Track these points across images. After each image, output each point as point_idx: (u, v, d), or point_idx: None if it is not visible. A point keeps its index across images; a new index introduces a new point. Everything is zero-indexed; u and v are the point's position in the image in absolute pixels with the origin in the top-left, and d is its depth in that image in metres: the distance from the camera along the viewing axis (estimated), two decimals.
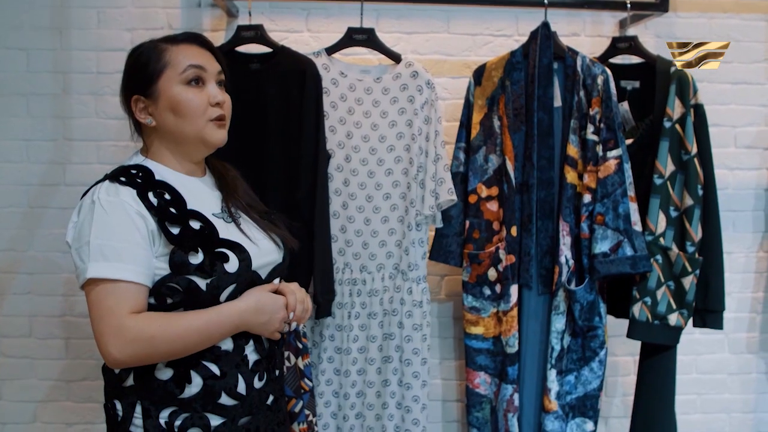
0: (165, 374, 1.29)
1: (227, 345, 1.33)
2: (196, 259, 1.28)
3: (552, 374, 2.06)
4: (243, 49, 2.08)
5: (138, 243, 1.25)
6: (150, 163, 1.37)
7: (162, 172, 1.36)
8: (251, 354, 1.37)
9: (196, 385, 1.30)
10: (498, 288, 2.11)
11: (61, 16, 2.29)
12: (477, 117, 2.13)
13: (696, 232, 2.04)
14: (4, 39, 2.29)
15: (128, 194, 1.27)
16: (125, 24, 2.29)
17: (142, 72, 1.34)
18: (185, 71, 1.34)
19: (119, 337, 1.21)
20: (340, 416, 2.13)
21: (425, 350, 2.11)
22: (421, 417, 2.11)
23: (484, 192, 2.12)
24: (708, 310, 2.08)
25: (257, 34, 2.05)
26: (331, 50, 2.12)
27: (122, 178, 1.30)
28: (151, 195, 1.29)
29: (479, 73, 2.14)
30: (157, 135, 1.38)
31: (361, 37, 2.12)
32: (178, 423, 1.29)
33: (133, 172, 1.32)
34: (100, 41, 2.29)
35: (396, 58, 2.12)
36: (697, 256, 2.04)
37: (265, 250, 1.42)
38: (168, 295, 1.27)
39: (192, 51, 1.37)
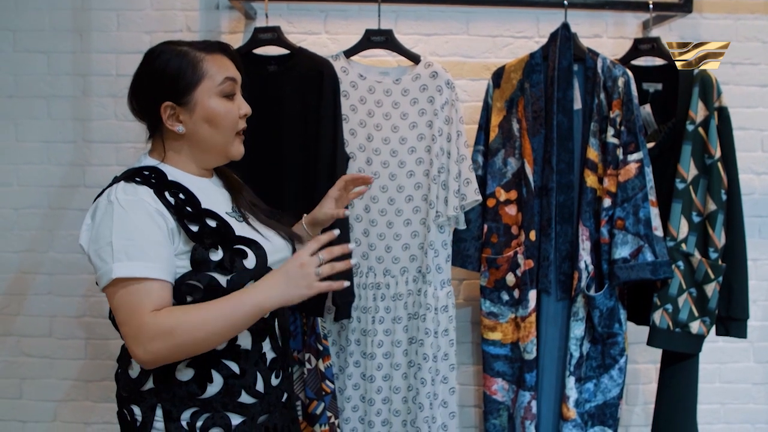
0: (186, 375, 1.30)
1: (246, 343, 1.34)
2: (216, 255, 1.29)
3: (571, 381, 2.03)
4: (260, 51, 2.07)
5: (160, 241, 1.25)
6: (162, 166, 1.37)
7: (174, 173, 1.37)
8: (269, 352, 1.39)
9: (217, 384, 1.31)
10: (516, 293, 2.08)
11: (81, 19, 2.30)
12: (496, 120, 2.10)
13: (719, 238, 1.99)
14: (25, 42, 2.31)
15: (146, 193, 1.28)
16: (144, 26, 2.31)
17: (177, 80, 1.32)
18: (223, 84, 1.35)
19: (141, 336, 1.20)
20: (366, 422, 2.11)
21: (452, 354, 2.09)
22: (450, 423, 2.08)
23: (502, 196, 2.10)
24: (731, 318, 2.04)
25: (275, 36, 2.05)
26: (349, 53, 2.11)
27: (137, 178, 1.30)
28: (167, 194, 1.30)
29: (498, 76, 2.12)
30: (182, 141, 1.38)
31: (379, 39, 2.11)
32: (199, 423, 1.30)
33: (146, 173, 1.33)
34: (120, 44, 2.31)
35: (415, 59, 2.10)
36: (720, 262, 1.99)
37: (277, 247, 1.43)
38: (188, 293, 1.28)
39: (225, 62, 1.38)
